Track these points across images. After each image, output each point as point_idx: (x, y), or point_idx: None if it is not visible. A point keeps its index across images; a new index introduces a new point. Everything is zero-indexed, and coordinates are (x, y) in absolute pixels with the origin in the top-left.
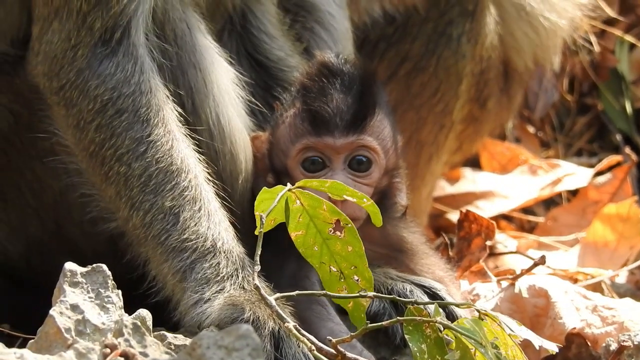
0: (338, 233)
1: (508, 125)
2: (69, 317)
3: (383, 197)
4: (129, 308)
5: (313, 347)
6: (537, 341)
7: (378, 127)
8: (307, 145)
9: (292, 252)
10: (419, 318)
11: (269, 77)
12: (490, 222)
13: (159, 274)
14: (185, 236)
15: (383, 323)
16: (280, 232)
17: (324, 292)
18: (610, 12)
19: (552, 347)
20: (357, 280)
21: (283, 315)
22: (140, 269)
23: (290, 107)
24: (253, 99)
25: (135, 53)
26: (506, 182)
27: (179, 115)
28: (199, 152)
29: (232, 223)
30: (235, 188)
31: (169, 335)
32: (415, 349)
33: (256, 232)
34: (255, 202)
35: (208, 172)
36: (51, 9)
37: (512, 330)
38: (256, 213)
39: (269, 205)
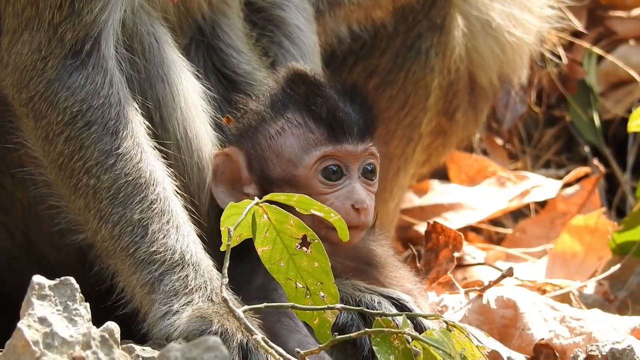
0: (304, 249)
1: (475, 138)
2: (37, 330)
3: None
4: (98, 320)
5: (281, 359)
6: (505, 352)
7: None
8: (326, 154)
9: (260, 264)
10: (387, 329)
11: (236, 91)
12: (457, 233)
13: (128, 286)
14: (153, 248)
15: (351, 335)
16: (249, 243)
17: (292, 304)
18: (578, 25)
19: (520, 359)
20: (323, 296)
21: (251, 327)
22: (109, 281)
23: (275, 119)
24: (220, 113)
25: (105, 65)
26: (474, 194)
27: (147, 128)
28: (167, 165)
29: (199, 235)
30: (202, 201)
31: (137, 347)
32: None
33: (222, 248)
34: (222, 217)
35: (176, 185)
36: (21, 19)
37: (479, 342)
38: (222, 228)
39: (236, 220)
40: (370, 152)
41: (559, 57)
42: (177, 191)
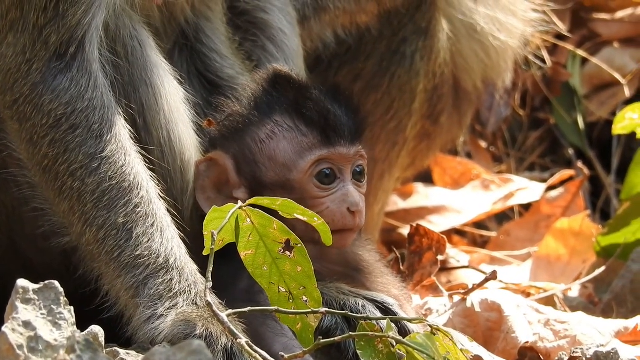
0: (288, 253)
1: (460, 141)
2: (22, 334)
3: None
4: (82, 323)
5: None
6: (488, 357)
7: None
8: (321, 157)
9: (245, 266)
10: (372, 333)
11: (220, 95)
12: (441, 236)
13: (112, 289)
14: (138, 252)
15: (335, 339)
16: (233, 246)
17: (276, 307)
18: (562, 27)
19: None
20: (306, 301)
21: (235, 331)
22: (93, 284)
23: (263, 122)
24: (203, 118)
25: (89, 68)
26: (459, 197)
27: (130, 132)
28: (150, 169)
29: (183, 239)
30: (185, 204)
31: (122, 351)
32: None
33: (205, 253)
34: (205, 222)
35: (160, 188)
36: (6, 22)
37: (463, 346)
38: (205, 233)
39: (219, 224)
40: (360, 154)
41: (543, 60)
42: (160, 195)
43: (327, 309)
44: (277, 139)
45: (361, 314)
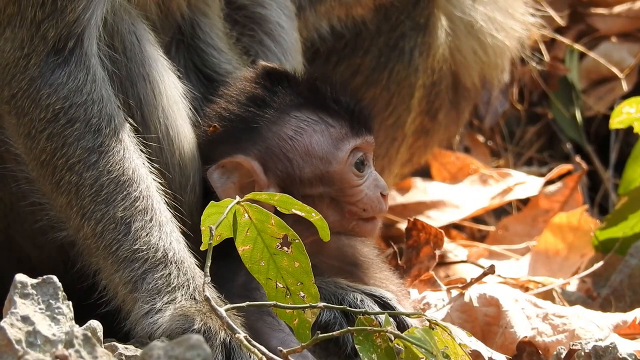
0: (285, 248)
1: (457, 137)
2: (20, 329)
3: None
4: (80, 317)
5: (264, 358)
6: (487, 352)
7: None
8: (355, 147)
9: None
10: (370, 328)
11: (217, 90)
12: (438, 230)
13: (110, 284)
14: (136, 246)
15: (334, 333)
16: (232, 241)
17: (274, 302)
18: (560, 21)
19: (501, 359)
20: (303, 296)
21: (233, 326)
22: (91, 279)
23: (284, 120)
24: (200, 113)
25: (88, 63)
26: (457, 192)
27: (131, 126)
28: (149, 163)
29: (183, 233)
30: (184, 199)
31: (120, 346)
32: (366, 358)
33: (202, 248)
34: (202, 216)
35: (159, 182)
36: (3, 17)
37: (461, 340)
38: (203, 227)
39: (217, 219)
40: (374, 142)
41: (541, 55)
42: (160, 189)
43: (325, 304)
44: (308, 134)
45: (359, 308)
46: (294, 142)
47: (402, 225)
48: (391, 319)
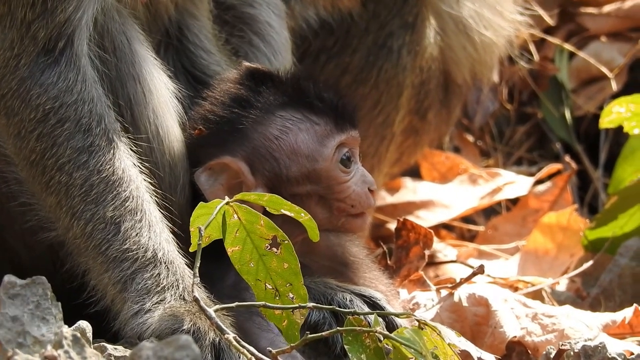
0: (274, 249)
1: (446, 137)
2: (9, 329)
3: None
4: (68, 317)
5: (253, 358)
6: (476, 352)
7: None
8: (340, 142)
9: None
10: (359, 328)
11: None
12: (428, 230)
13: (99, 283)
14: (126, 246)
15: (323, 333)
16: (222, 242)
17: (264, 303)
18: (550, 21)
19: (490, 359)
20: (292, 297)
21: (222, 326)
22: (80, 279)
23: (268, 119)
24: (189, 114)
25: (78, 63)
26: (446, 192)
27: (121, 126)
28: (139, 163)
29: (172, 233)
30: (174, 199)
31: (109, 346)
32: (355, 359)
33: (191, 249)
34: (192, 217)
35: (149, 183)
36: None
37: (450, 340)
38: (192, 228)
39: (206, 220)
40: (359, 137)
41: (531, 54)
42: (150, 189)
43: (314, 304)
44: (293, 133)
45: (349, 308)
46: (279, 141)
47: (392, 225)
48: (380, 319)
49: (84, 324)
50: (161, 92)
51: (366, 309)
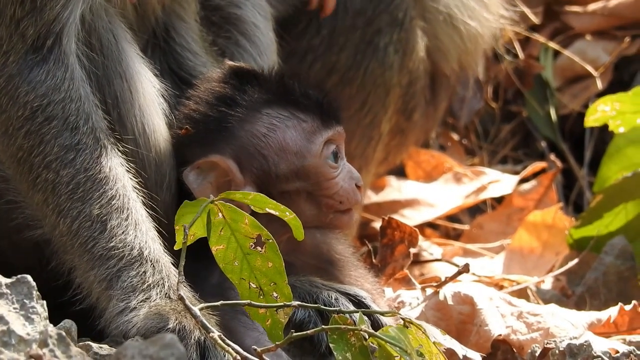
0: (259, 248)
1: (432, 135)
2: None
3: None
4: (53, 314)
5: (238, 357)
6: (461, 350)
7: None
8: (327, 139)
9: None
10: (344, 327)
11: None
12: (413, 229)
13: (85, 281)
14: (112, 244)
15: (308, 332)
16: (207, 240)
17: (249, 301)
18: (535, 19)
19: (476, 357)
20: (276, 296)
21: (208, 325)
22: (66, 277)
23: (255, 117)
24: (175, 115)
25: (66, 61)
26: (431, 190)
27: (109, 124)
28: (126, 161)
29: (158, 232)
30: (160, 197)
31: (94, 345)
32: (340, 357)
33: (176, 247)
34: (176, 216)
35: (136, 181)
36: None
37: (436, 339)
38: (177, 227)
39: (191, 218)
40: (344, 132)
41: (516, 52)
42: (136, 187)
43: (299, 302)
44: (281, 130)
45: (334, 307)
46: (267, 139)
47: (377, 224)
48: (365, 318)
49: (69, 323)
50: (147, 90)
51: (351, 308)
